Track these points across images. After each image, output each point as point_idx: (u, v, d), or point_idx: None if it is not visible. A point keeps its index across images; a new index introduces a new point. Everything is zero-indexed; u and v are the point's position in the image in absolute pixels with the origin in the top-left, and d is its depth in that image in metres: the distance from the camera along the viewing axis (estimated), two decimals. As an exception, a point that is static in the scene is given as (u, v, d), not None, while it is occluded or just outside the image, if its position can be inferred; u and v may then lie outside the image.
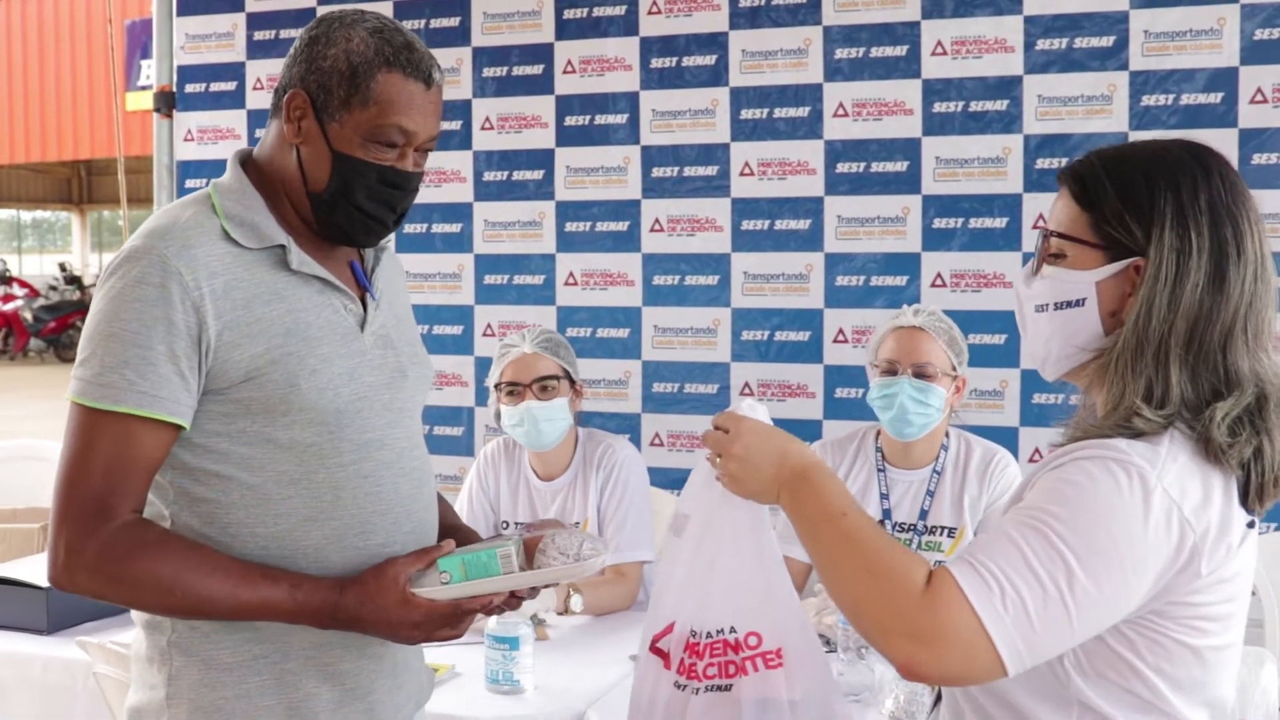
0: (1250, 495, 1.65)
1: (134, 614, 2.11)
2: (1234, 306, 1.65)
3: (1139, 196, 1.68)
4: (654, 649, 1.95)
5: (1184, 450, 1.61)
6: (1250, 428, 1.63)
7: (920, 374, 3.45)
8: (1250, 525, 1.66)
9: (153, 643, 2.06)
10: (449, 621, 2.01)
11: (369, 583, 1.99)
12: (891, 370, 3.49)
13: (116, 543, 1.91)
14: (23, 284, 23.86)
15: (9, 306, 22.50)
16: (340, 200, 2.07)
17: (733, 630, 1.90)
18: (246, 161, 2.15)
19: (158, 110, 5.18)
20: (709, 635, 1.91)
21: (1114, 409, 1.66)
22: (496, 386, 3.75)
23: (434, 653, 3.23)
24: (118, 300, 1.94)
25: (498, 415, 3.79)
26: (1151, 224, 1.66)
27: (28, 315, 22.59)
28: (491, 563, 2.01)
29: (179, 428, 1.96)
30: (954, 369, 3.50)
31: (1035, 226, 4.10)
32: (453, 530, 2.29)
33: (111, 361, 1.92)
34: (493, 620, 2.98)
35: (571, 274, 4.77)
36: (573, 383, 3.75)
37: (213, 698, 2.02)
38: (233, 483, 2.01)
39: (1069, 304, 1.73)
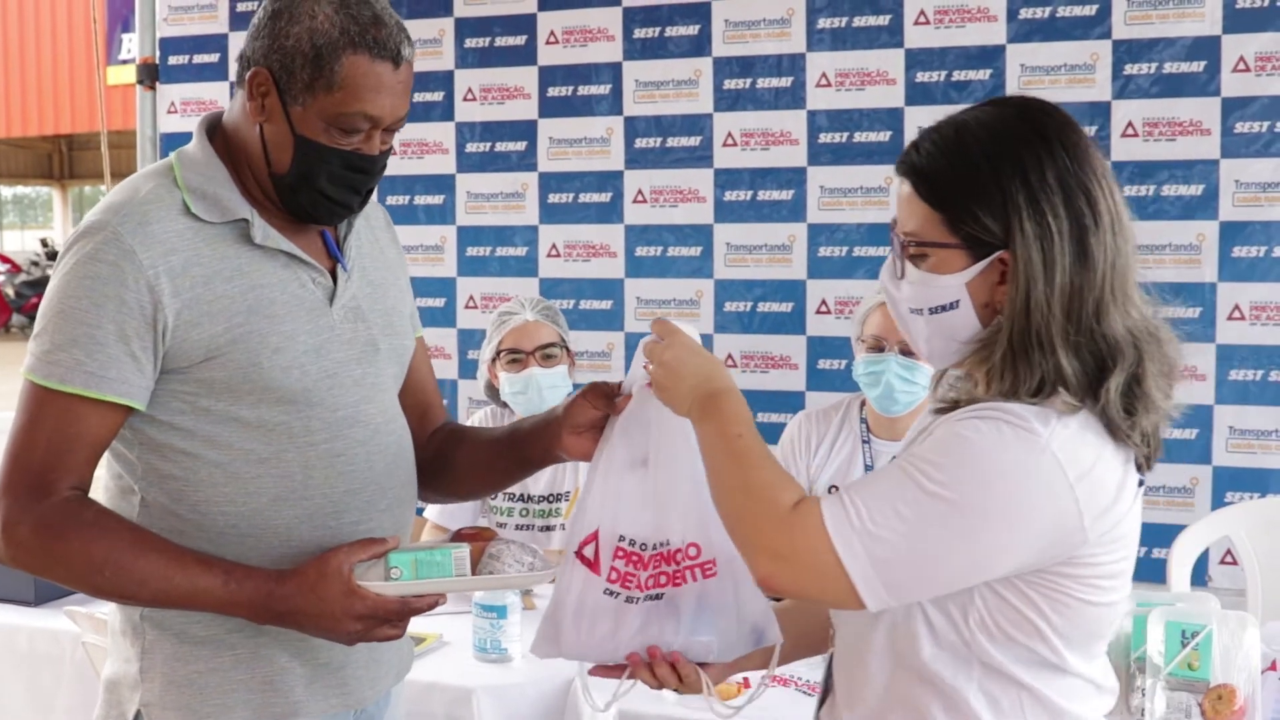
0: (1143, 458, 1.69)
1: None
2: (1101, 275, 1.63)
3: (989, 190, 1.64)
4: (579, 555, 1.93)
5: (1077, 418, 1.62)
6: (1141, 400, 1.65)
7: (908, 351, 3.42)
8: (1140, 484, 1.70)
9: (126, 616, 2.05)
10: (393, 618, 1.94)
11: (309, 573, 1.90)
12: (878, 347, 3.46)
13: (52, 519, 1.89)
14: (4, 259, 23.75)
15: (-9, 282, 22.41)
16: (302, 184, 2.00)
17: (667, 543, 1.90)
18: (215, 129, 2.08)
19: (140, 83, 5.16)
20: (653, 547, 1.91)
21: (1007, 396, 1.64)
22: (496, 355, 3.74)
23: (421, 622, 3.24)
24: (70, 277, 1.91)
25: (490, 387, 3.79)
26: (1008, 217, 1.63)
27: (10, 291, 22.50)
28: (446, 563, 1.94)
29: (129, 409, 1.93)
30: None
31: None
32: (508, 437, 2.23)
33: (60, 339, 1.89)
34: (479, 589, 2.99)
35: (554, 246, 4.76)
36: (568, 351, 3.76)
37: (186, 671, 2.01)
38: (200, 460, 1.98)
39: (943, 308, 1.70)
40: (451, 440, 2.31)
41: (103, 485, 2.06)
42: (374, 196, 2.14)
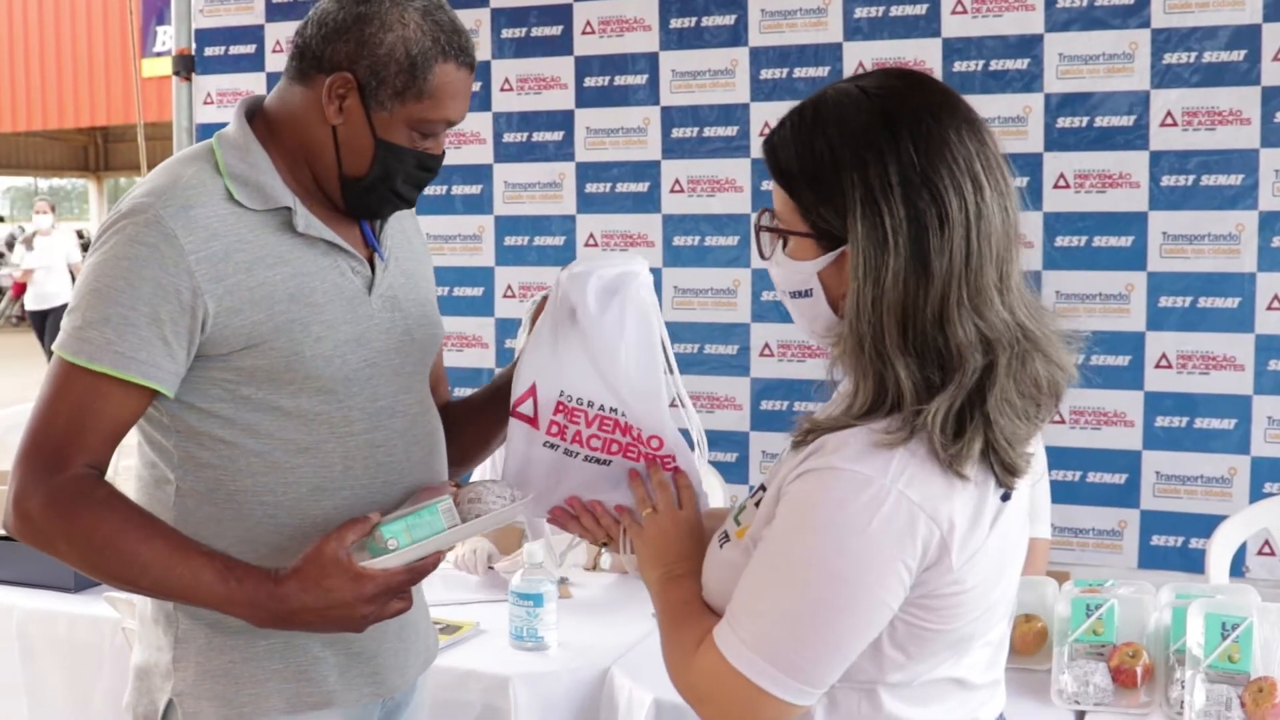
0: (999, 476, 1.56)
1: None
2: (941, 281, 1.50)
3: (828, 183, 1.55)
4: (515, 414, 1.98)
5: (923, 445, 1.52)
6: (975, 418, 1.52)
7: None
8: (1005, 498, 1.58)
9: (158, 605, 2.05)
10: (401, 589, 1.93)
11: (308, 570, 1.87)
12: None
13: (62, 494, 1.86)
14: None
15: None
16: (379, 185, 2.03)
17: (618, 412, 1.95)
18: (255, 113, 2.08)
19: (177, 74, 5.18)
20: (593, 406, 1.94)
21: (851, 402, 1.57)
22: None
23: (457, 610, 3.25)
24: (109, 256, 1.89)
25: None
26: (846, 212, 1.53)
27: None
28: (435, 519, 1.91)
29: (155, 393, 1.90)
30: None
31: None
32: (496, 388, 2.26)
33: (93, 317, 1.87)
34: (517, 577, 3.01)
35: (592, 235, 4.77)
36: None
37: (220, 661, 2.01)
38: (239, 449, 1.97)
39: (800, 294, 1.64)
40: (456, 412, 2.32)
41: (135, 475, 2.06)
42: None
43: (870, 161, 1.52)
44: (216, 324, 1.91)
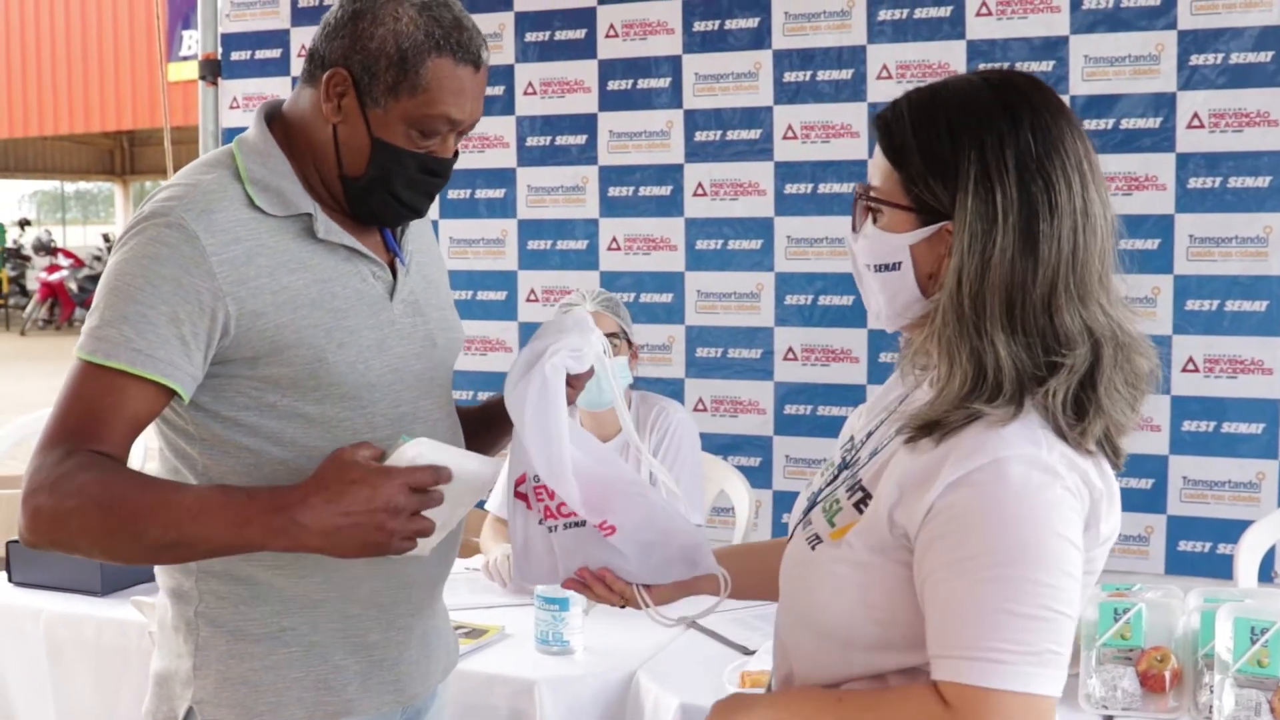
0: (1112, 461, 1.61)
1: (159, 580, 2.07)
2: (1050, 267, 1.55)
3: (943, 157, 1.59)
4: (517, 494, 1.97)
5: (1042, 423, 1.56)
6: (1092, 401, 1.56)
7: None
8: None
9: (179, 612, 2.03)
10: (430, 487, 1.77)
11: (323, 473, 1.75)
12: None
13: (68, 468, 1.79)
14: (68, 254, 24.02)
15: (54, 277, 22.66)
16: (376, 187, 1.99)
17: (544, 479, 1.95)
18: (274, 117, 2.06)
19: (203, 78, 5.20)
20: (537, 480, 1.95)
21: (945, 385, 1.59)
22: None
23: (483, 614, 3.25)
24: (129, 257, 1.87)
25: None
26: (956, 187, 1.57)
27: (73, 285, 22.74)
28: (455, 443, 1.87)
29: (172, 392, 1.87)
30: None
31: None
32: (484, 408, 2.27)
33: (111, 315, 1.85)
34: (541, 582, 3.00)
35: (615, 239, 4.77)
36: (630, 343, 3.76)
37: (241, 669, 2.00)
38: (264, 457, 1.95)
39: (887, 267, 1.66)
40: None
41: None
42: None
43: (989, 142, 1.57)
44: (240, 327, 1.89)
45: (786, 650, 1.78)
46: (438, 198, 4.84)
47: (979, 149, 1.57)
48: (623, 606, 2.00)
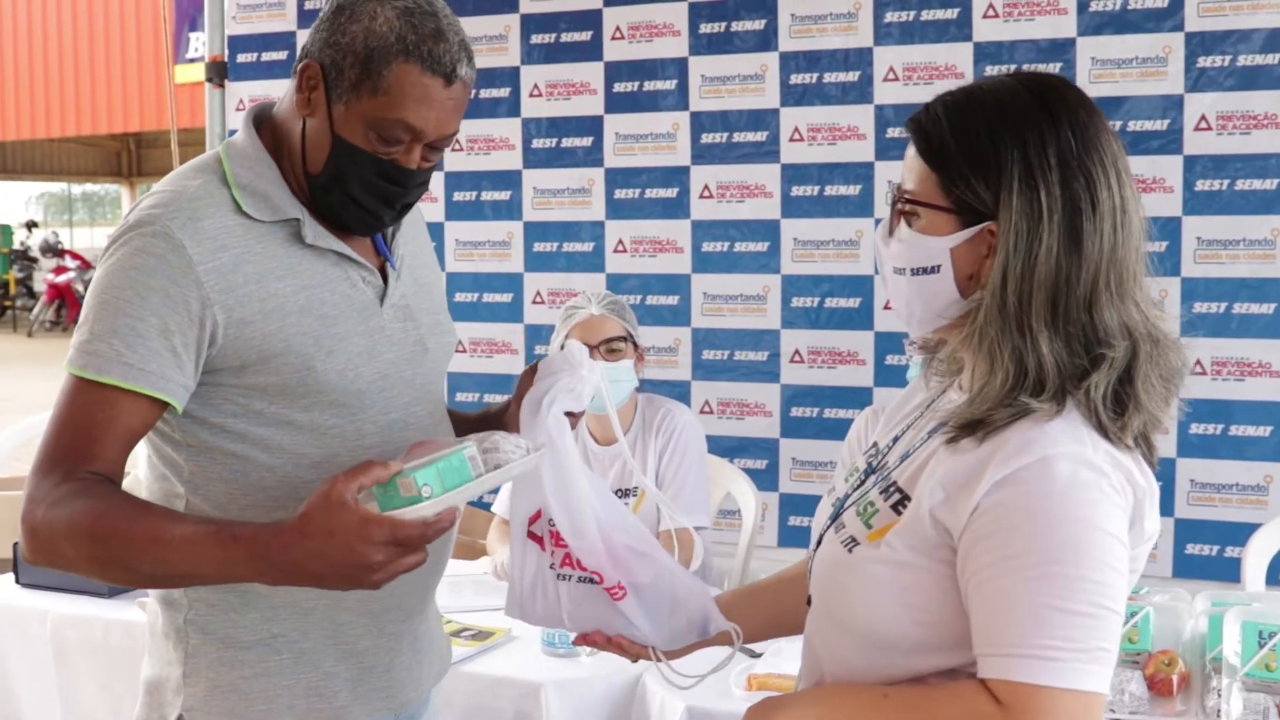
0: (1147, 457, 1.63)
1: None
2: (1093, 263, 1.57)
3: (985, 157, 1.60)
4: (530, 534, 1.95)
5: (1082, 418, 1.57)
6: (1130, 396, 1.58)
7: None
8: None
9: (169, 619, 2.01)
10: (417, 544, 1.69)
11: (312, 513, 1.66)
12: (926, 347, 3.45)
13: (63, 494, 1.78)
14: (75, 256, 24.04)
15: (62, 278, 22.67)
16: (333, 186, 1.94)
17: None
18: (263, 121, 2.03)
19: (210, 80, 5.22)
20: (553, 523, 1.92)
21: (986, 384, 1.60)
22: (562, 348, 3.75)
23: (489, 616, 3.25)
24: (115, 269, 1.85)
25: (558, 380, 3.80)
26: (1000, 187, 1.58)
27: (80, 287, 22.73)
28: (464, 466, 1.74)
29: (166, 405, 1.85)
30: None
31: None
32: (483, 418, 2.21)
33: (100, 329, 1.82)
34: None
35: (621, 241, 4.77)
36: (635, 346, 3.76)
37: (231, 676, 1.98)
38: (251, 464, 1.93)
39: (925, 270, 1.66)
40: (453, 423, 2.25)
41: (144, 488, 2.03)
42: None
43: (1030, 140, 1.58)
44: (227, 336, 1.87)
45: (819, 657, 1.77)
46: (442, 200, 4.83)
47: (1021, 148, 1.58)
48: (635, 660, 1.99)
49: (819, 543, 1.80)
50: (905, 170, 1.70)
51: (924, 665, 1.63)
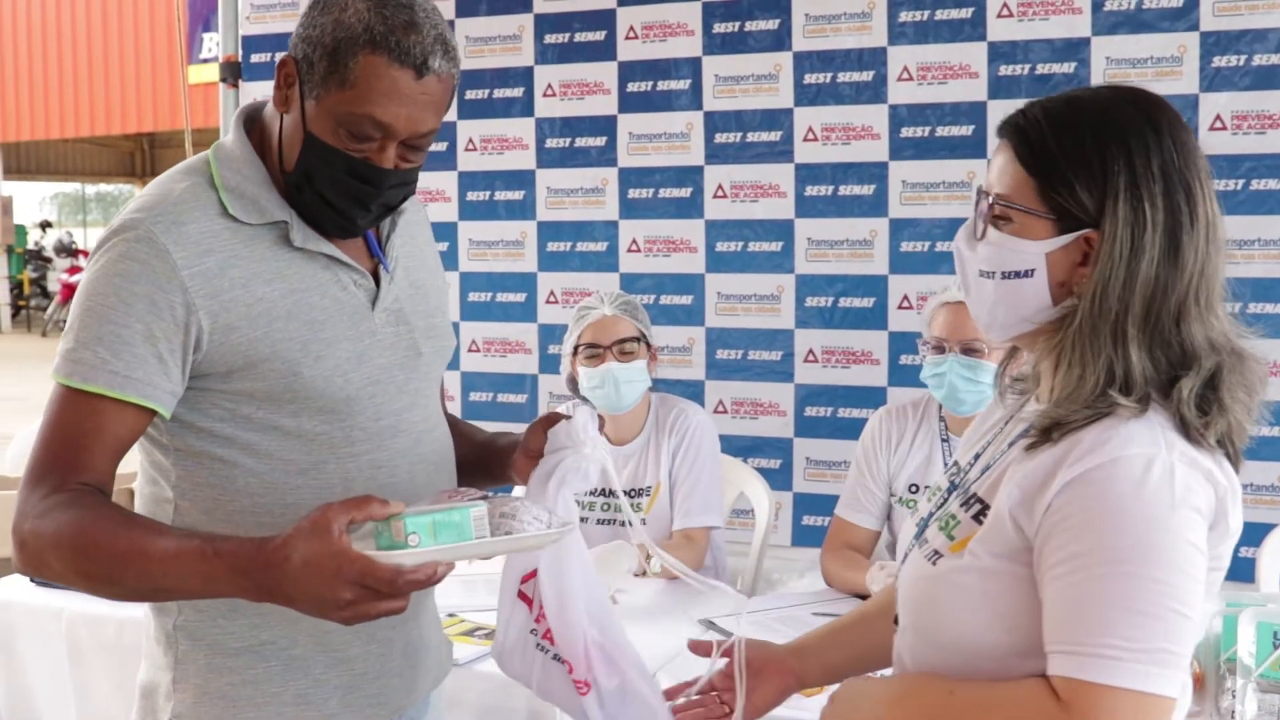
0: (1233, 461, 1.64)
1: None
2: (1188, 277, 1.59)
3: (1090, 164, 1.60)
4: (520, 594, 1.96)
5: (1166, 421, 1.58)
6: (1217, 404, 1.59)
7: (968, 350, 3.39)
8: None
9: (159, 624, 2.00)
10: (393, 592, 1.64)
11: (296, 534, 1.64)
12: (940, 348, 3.45)
13: (51, 506, 1.78)
14: (89, 256, 24.14)
15: (75, 278, 22.70)
16: (305, 184, 1.90)
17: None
18: (254, 121, 2.00)
19: (224, 80, 5.22)
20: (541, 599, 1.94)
21: (1074, 390, 1.60)
22: (575, 350, 3.76)
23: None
24: (100, 276, 1.83)
25: (571, 381, 3.80)
26: (1105, 195, 1.59)
27: (93, 287, 22.81)
28: (465, 524, 1.68)
29: (154, 412, 1.84)
30: None
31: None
32: (485, 446, 2.19)
33: (86, 337, 1.81)
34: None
35: (634, 240, 4.76)
36: (649, 346, 3.76)
37: (220, 683, 1.96)
38: (238, 469, 1.92)
39: (1017, 274, 1.66)
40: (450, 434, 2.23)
41: (137, 491, 2.03)
42: (413, 194, 2.05)
43: (1136, 150, 1.60)
44: (212, 342, 1.85)
45: (909, 673, 1.78)
46: (455, 200, 4.81)
47: (1127, 157, 1.59)
48: None
49: (904, 562, 1.81)
50: (994, 174, 1.70)
51: (1016, 673, 1.62)
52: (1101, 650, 1.50)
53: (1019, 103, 1.72)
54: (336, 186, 1.89)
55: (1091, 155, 1.60)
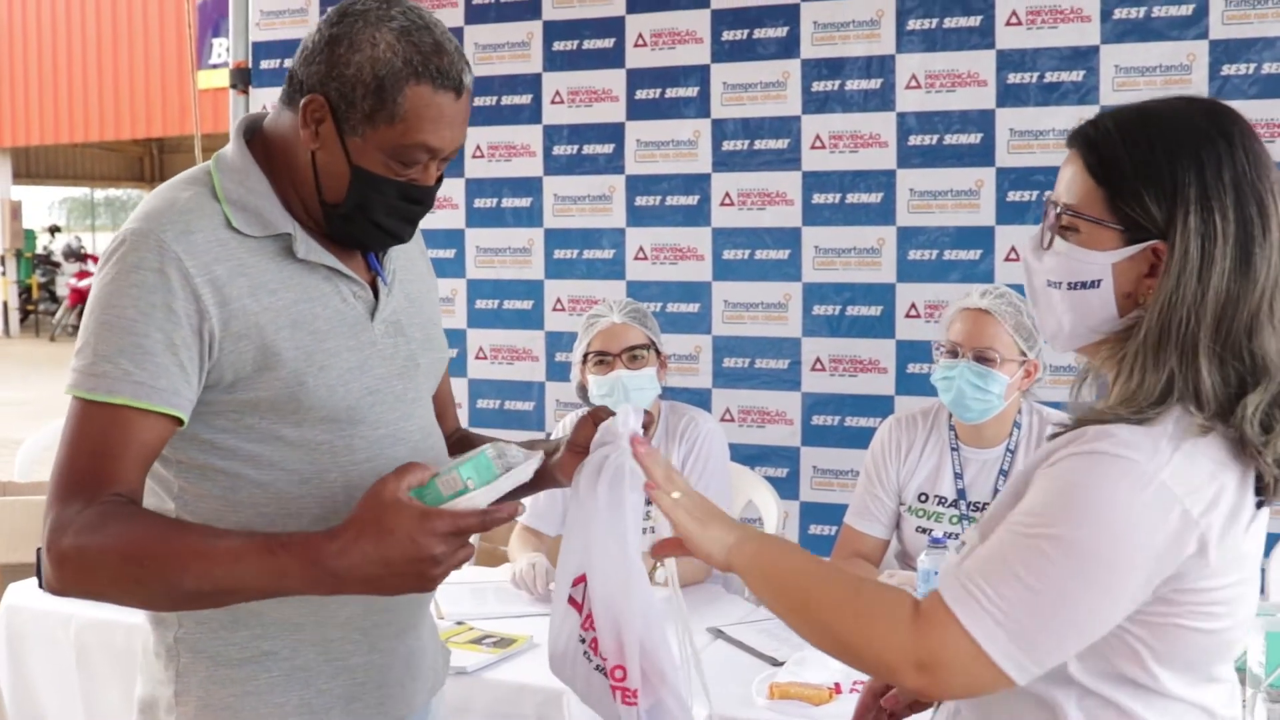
0: (1269, 487, 1.60)
1: None
2: (1260, 289, 1.57)
3: (1160, 175, 1.59)
4: (570, 600, 1.94)
5: (1189, 437, 1.56)
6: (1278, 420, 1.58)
7: (981, 358, 3.38)
8: (1260, 505, 1.62)
9: (159, 637, 1.99)
10: (472, 531, 1.73)
11: (365, 514, 1.70)
12: (954, 353, 3.45)
13: (90, 519, 1.75)
14: (97, 261, 24.17)
15: (84, 283, 22.73)
16: (358, 214, 1.93)
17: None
18: (254, 133, 2.00)
19: (234, 87, 5.24)
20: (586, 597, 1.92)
21: (1128, 399, 1.59)
22: (584, 358, 3.76)
23: (511, 624, 3.25)
24: (113, 286, 1.82)
25: (581, 389, 3.80)
26: (1175, 206, 1.57)
27: (101, 292, 22.84)
28: (490, 465, 1.79)
29: (178, 420, 1.83)
30: (1023, 354, 3.41)
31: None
32: (462, 440, 2.21)
33: (106, 350, 1.80)
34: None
35: (641, 248, 4.77)
36: (658, 353, 3.76)
37: (222, 695, 1.95)
38: (242, 480, 1.91)
39: (1083, 285, 1.66)
40: (460, 448, 2.20)
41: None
42: None
43: (1207, 161, 1.58)
44: (223, 349, 1.85)
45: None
46: (463, 207, 4.84)
47: (1198, 168, 1.58)
48: None
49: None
50: (1063, 184, 1.70)
51: (1054, 692, 1.63)
52: (979, 594, 1.54)
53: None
54: (391, 212, 1.94)
55: (1162, 166, 1.59)
